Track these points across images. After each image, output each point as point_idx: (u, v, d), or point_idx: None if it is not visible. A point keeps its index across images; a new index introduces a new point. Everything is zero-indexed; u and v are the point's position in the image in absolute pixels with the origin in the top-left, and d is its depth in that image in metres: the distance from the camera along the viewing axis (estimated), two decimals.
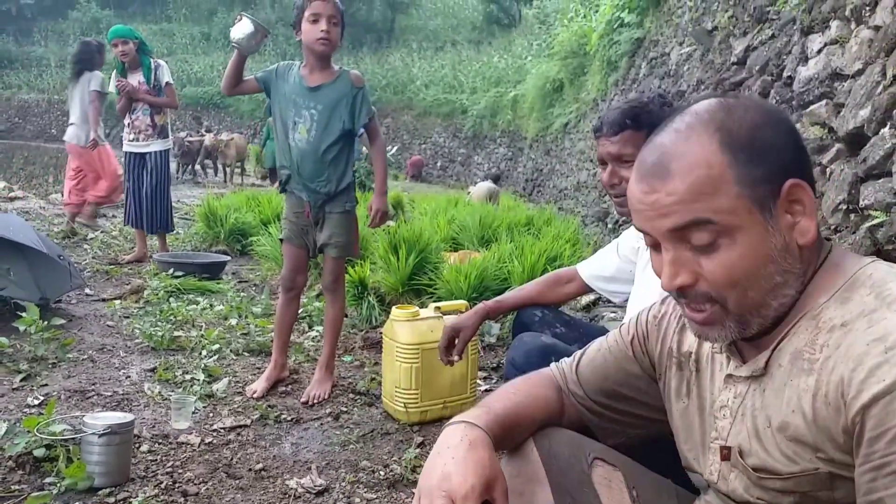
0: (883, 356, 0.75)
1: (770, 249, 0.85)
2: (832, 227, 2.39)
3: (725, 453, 0.95)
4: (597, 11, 8.68)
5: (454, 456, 0.94)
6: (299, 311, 3.30)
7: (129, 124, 5.20)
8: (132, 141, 5.21)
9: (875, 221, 2.07)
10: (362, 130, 2.77)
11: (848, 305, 0.83)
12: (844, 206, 2.32)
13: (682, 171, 0.85)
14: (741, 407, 0.93)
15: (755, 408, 0.91)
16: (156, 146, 5.20)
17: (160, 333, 3.38)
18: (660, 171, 0.87)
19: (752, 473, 0.90)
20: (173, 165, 6.67)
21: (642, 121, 1.62)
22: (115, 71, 5.18)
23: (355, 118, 2.72)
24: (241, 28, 2.65)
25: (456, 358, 2.14)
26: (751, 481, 0.91)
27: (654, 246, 0.92)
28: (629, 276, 1.95)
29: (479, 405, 1.08)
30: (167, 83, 5.13)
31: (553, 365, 1.24)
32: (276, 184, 2.97)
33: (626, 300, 1.97)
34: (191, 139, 13.55)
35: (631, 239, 1.97)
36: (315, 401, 2.73)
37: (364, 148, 7.42)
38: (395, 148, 17.40)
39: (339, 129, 2.70)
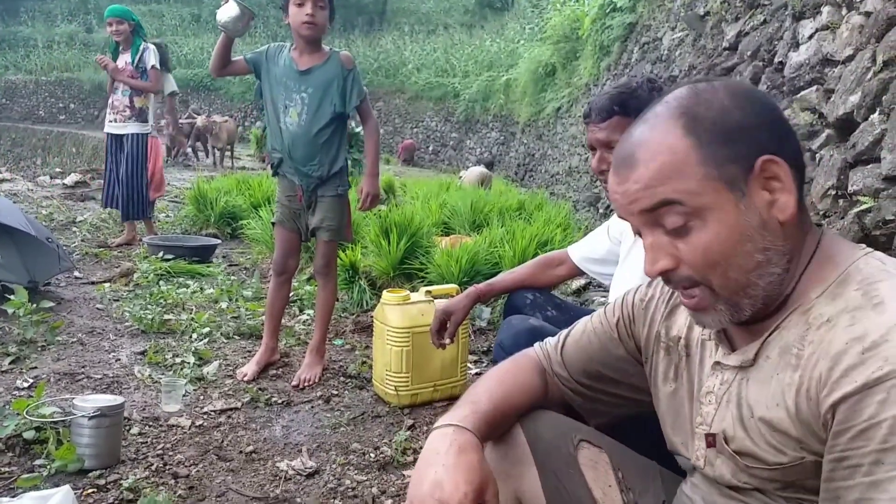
0: (859, 357, 0.76)
1: (745, 227, 0.85)
2: (821, 213, 2.40)
3: (710, 440, 0.96)
4: None
5: (444, 463, 0.94)
6: (290, 295, 3.30)
7: (110, 105, 5.15)
8: (111, 122, 5.16)
9: (863, 207, 2.08)
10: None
11: (836, 301, 0.83)
12: (833, 192, 2.33)
13: (645, 158, 0.87)
14: (727, 394, 0.93)
15: (740, 396, 0.91)
16: (133, 128, 5.11)
17: (150, 316, 3.38)
18: (627, 162, 0.89)
19: (738, 459, 0.91)
20: (163, 148, 6.56)
21: (630, 107, 1.62)
22: (107, 49, 5.17)
23: (346, 100, 2.70)
24: (227, 10, 2.62)
25: (447, 341, 2.15)
26: (737, 467, 0.92)
27: (639, 234, 0.93)
28: (618, 258, 1.96)
29: (466, 400, 1.07)
30: (152, 66, 5.06)
31: (537, 345, 1.25)
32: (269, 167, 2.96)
33: None
34: (181, 121, 13.39)
35: (620, 221, 1.97)
36: (306, 384, 2.74)
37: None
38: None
39: (331, 113, 2.69)
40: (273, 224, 2.93)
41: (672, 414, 1.06)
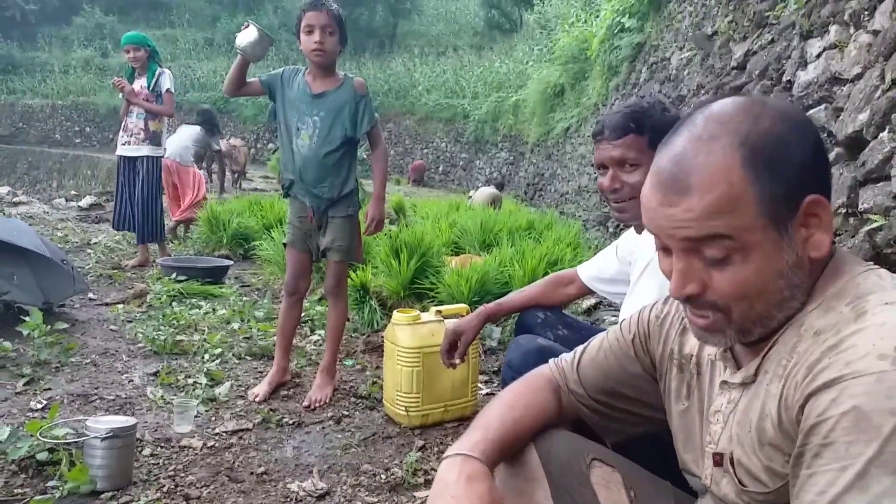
0: (827, 361, 0.77)
1: (782, 266, 0.84)
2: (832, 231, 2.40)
3: (717, 459, 0.96)
4: (598, 16, 8.71)
5: (454, 494, 0.95)
6: (301, 315, 3.31)
7: (123, 128, 5.23)
8: (124, 144, 5.23)
9: (874, 225, 2.07)
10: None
11: (828, 315, 0.83)
12: (844, 210, 2.33)
13: (701, 187, 0.83)
14: (733, 412, 0.94)
15: (741, 414, 0.92)
16: (146, 151, 5.17)
17: (163, 337, 3.40)
18: (678, 185, 0.85)
19: (739, 480, 0.91)
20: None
21: (645, 125, 1.61)
22: (123, 73, 5.28)
23: (357, 125, 2.74)
24: (247, 35, 2.66)
25: (458, 361, 2.15)
26: (739, 487, 0.92)
27: (665, 249, 0.91)
28: (628, 278, 1.96)
29: (476, 425, 1.08)
30: (167, 90, 5.14)
31: (552, 362, 1.25)
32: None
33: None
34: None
35: (628, 242, 1.97)
36: (317, 405, 2.74)
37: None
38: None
39: (341, 137, 2.72)
40: (285, 245, 2.95)
41: (684, 432, 1.06)
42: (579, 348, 1.24)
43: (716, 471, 0.96)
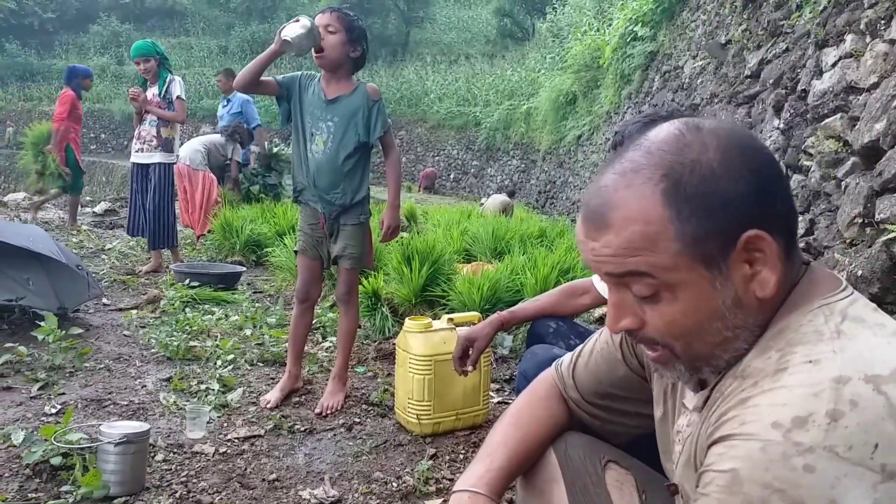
0: (732, 413, 0.76)
1: (717, 306, 0.80)
2: (847, 241, 2.38)
3: (673, 489, 0.96)
4: (610, 25, 8.71)
5: None
6: (313, 322, 3.32)
7: (136, 135, 5.27)
8: (137, 151, 5.27)
9: (891, 235, 2.06)
10: (257, 123, 2.79)
11: (758, 359, 0.80)
12: (860, 220, 2.31)
13: (618, 223, 0.80)
14: (690, 437, 0.92)
15: (690, 442, 0.90)
16: (158, 157, 5.21)
17: (176, 343, 3.41)
18: (597, 220, 0.82)
19: None
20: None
21: None
22: (137, 81, 5.35)
23: (370, 131, 2.75)
24: (298, 27, 2.60)
25: (470, 368, 2.15)
26: None
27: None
28: None
29: (483, 454, 1.11)
30: (178, 97, 5.18)
31: (553, 367, 1.26)
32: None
33: None
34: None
35: None
36: (328, 412, 2.74)
37: (255, 148, 7.75)
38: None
39: (355, 142, 2.73)
40: (296, 252, 2.96)
41: (662, 439, 1.07)
42: (575, 351, 1.24)
43: (677, 499, 0.97)
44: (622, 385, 1.15)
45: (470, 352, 2.12)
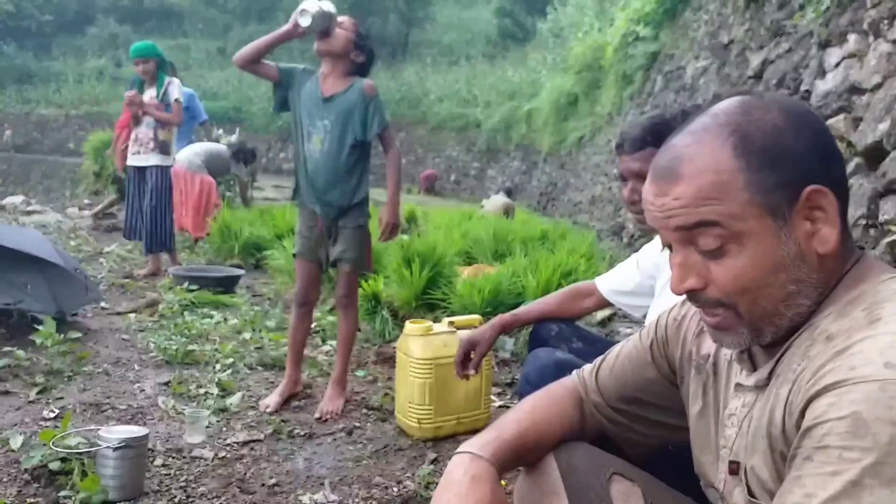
0: (832, 364, 0.75)
1: (782, 257, 0.82)
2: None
3: (734, 468, 0.94)
4: (612, 25, 8.69)
5: (457, 492, 0.96)
6: (312, 326, 3.30)
7: (133, 138, 5.25)
8: (134, 154, 5.24)
9: (895, 236, 2.04)
10: (204, 118, 2.74)
11: (842, 320, 0.81)
12: (864, 221, 2.29)
13: (690, 174, 0.84)
14: (747, 417, 0.91)
15: (754, 418, 0.90)
16: (155, 160, 5.17)
17: (174, 347, 3.39)
18: (669, 174, 0.86)
19: (750, 491, 0.89)
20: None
21: (664, 137, 1.61)
22: (134, 84, 5.31)
23: (367, 128, 2.71)
24: (319, 3, 2.57)
25: (472, 372, 2.12)
26: (749, 499, 0.90)
27: (669, 246, 0.91)
28: (649, 290, 1.94)
29: (493, 426, 1.09)
30: (175, 100, 5.16)
31: (575, 373, 1.24)
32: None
33: (646, 315, 1.96)
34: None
35: (652, 254, 1.95)
36: (328, 416, 2.72)
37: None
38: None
39: (352, 141, 2.70)
40: (294, 255, 2.94)
41: (701, 434, 1.05)
42: (599, 358, 1.23)
43: (730, 479, 0.95)
44: (649, 389, 1.14)
45: (471, 355, 2.10)
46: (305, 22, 2.57)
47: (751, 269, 0.83)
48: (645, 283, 1.97)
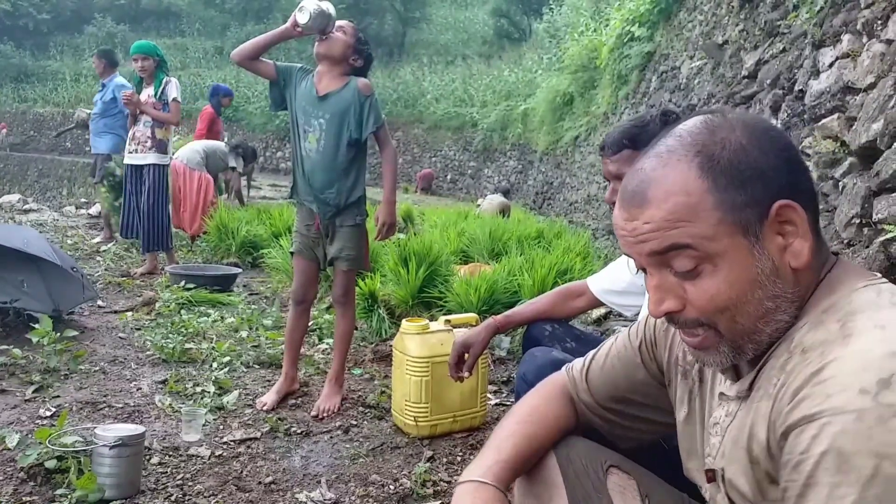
0: (809, 389, 0.75)
1: (756, 274, 0.83)
2: (845, 241, 2.38)
3: (710, 475, 0.95)
4: (607, 25, 8.71)
5: None
6: (310, 324, 3.30)
7: (131, 136, 5.25)
8: (131, 153, 5.25)
9: (889, 235, 2.05)
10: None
11: (817, 331, 0.81)
12: (857, 220, 2.31)
13: (658, 198, 0.84)
14: (730, 426, 0.92)
15: (737, 429, 0.90)
16: (152, 158, 5.17)
17: (171, 345, 3.40)
18: (637, 199, 0.86)
19: (730, 499, 0.90)
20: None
21: (641, 140, 1.68)
22: (132, 82, 5.31)
23: (362, 126, 2.72)
24: (318, 5, 2.59)
25: (466, 374, 2.13)
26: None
27: (643, 269, 0.92)
28: (640, 289, 1.95)
29: (490, 446, 1.10)
30: (173, 99, 5.16)
31: (564, 369, 1.25)
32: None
33: (638, 313, 1.97)
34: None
35: None
36: (325, 414, 2.73)
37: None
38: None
39: (348, 139, 2.71)
40: (292, 254, 2.95)
41: (686, 440, 1.06)
42: (589, 355, 1.23)
43: (710, 486, 0.96)
44: (639, 390, 1.15)
45: (465, 357, 2.11)
46: (303, 19, 2.58)
47: (726, 289, 0.83)
48: (636, 283, 1.98)
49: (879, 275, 0.87)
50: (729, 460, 0.90)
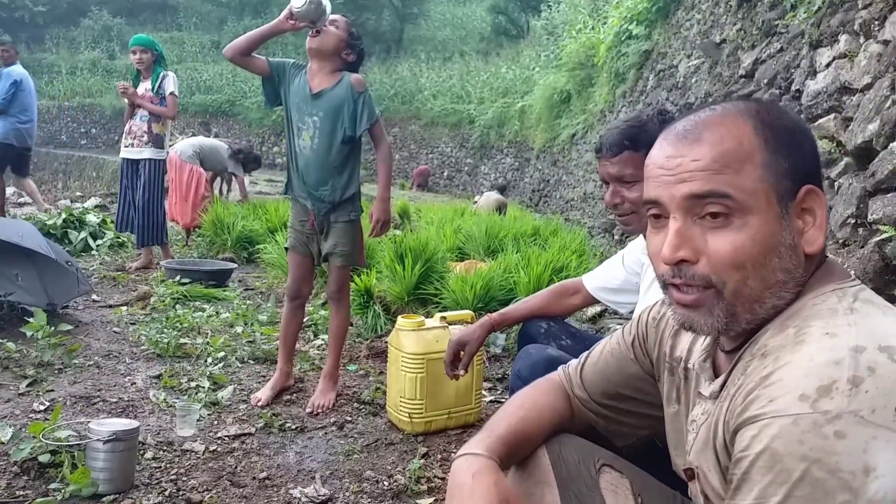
0: (758, 392, 0.77)
1: (779, 242, 0.84)
2: (840, 242, 2.38)
3: (689, 473, 0.96)
4: (605, 23, 8.70)
5: (462, 494, 0.98)
6: (305, 320, 3.30)
7: (127, 130, 5.24)
8: (127, 147, 5.24)
9: (884, 236, 2.06)
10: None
11: (778, 336, 0.83)
12: (853, 221, 2.31)
13: (713, 139, 0.85)
14: (705, 424, 0.93)
15: (706, 427, 0.92)
16: (148, 153, 5.16)
17: (166, 340, 3.39)
18: (690, 136, 0.87)
19: (704, 495, 0.92)
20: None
21: (640, 141, 1.64)
22: (129, 76, 5.30)
23: (356, 123, 2.71)
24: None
25: (461, 372, 2.14)
26: (705, 500, 0.93)
27: (658, 217, 0.90)
28: (635, 287, 1.95)
29: (484, 428, 1.11)
30: (170, 93, 5.15)
31: (560, 369, 1.27)
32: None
33: (633, 311, 1.97)
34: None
35: (636, 251, 1.97)
36: (319, 410, 2.73)
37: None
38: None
39: (342, 136, 2.70)
40: (286, 249, 2.94)
41: (674, 436, 1.07)
42: (583, 355, 1.25)
43: (691, 484, 0.98)
44: (632, 385, 1.17)
45: (461, 355, 2.11)
46: (298, 4, 2.56)
47: (751, 246, 0.83)
48: (631, 280, 1.98)
49: (854, 277, 0.88)
50: (702, 458, 0.92)
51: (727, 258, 0.84)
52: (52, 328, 3.07)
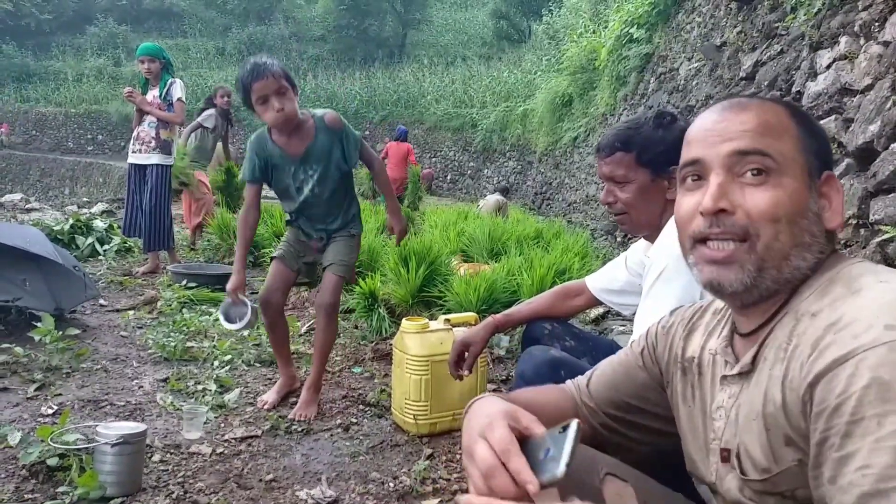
0: (832, 338, 0.78)
1: (808, 207, 0.91)
2: (842, 242, 2.39)
3: (725, 455, 0.97)
4: (606, 27, 8.73)
5: (479, 414, 0.98)
6: (300, 324, 3.30)
7: (135, 136, 5.28)
8: (135, 152, 5.27)
9: (886, 236, 2.07)
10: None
11: (823, 298, 0.86)
12: (854, 221, 2.32)
13: (757, 111, 0.95)
14: (734, 406, 0.95)
15: (742, 404, 0.93)
16: (156, 159, 5.21)
17: (173, 344, 3.41)
18: (737, 106, 0.97)
19: (741, 471, 0.93)
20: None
21: (633, 143, 1.71)
22: (136, 83, 5.35)
23: (349, 158, 2.77)
24: (241, 315, 2.82)
25: (466, 373, 2.15)
26: (742, 481, 0.93)
27: (694, 179, 0.97)
28: (637, 288, 1.96)
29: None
30: (178, 99, 5.19)
31: (568, 382, 1.28)
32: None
33: (635, 312, 1.98)
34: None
35: (638, 253, 1.98)
36: (300, 419, 2.67)
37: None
38: None
39: (338, 175, 2.78)
40: (272, 258, 2.93)
41: (690, 433, 1.08)
42: (593, 368, 1.27)
43: (722, 467, 0.98)
44: (639, 394, 1.18)
45: (465, 356, 2.12)
46: (235, 328, 2.91)
47: (786, 202, 0.90)
48: (633, 282, 2.00)
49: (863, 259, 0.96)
50: (741, 433, 0.93)
51: (765, 210, 0.90)
52: (60, 333, 3.09)
